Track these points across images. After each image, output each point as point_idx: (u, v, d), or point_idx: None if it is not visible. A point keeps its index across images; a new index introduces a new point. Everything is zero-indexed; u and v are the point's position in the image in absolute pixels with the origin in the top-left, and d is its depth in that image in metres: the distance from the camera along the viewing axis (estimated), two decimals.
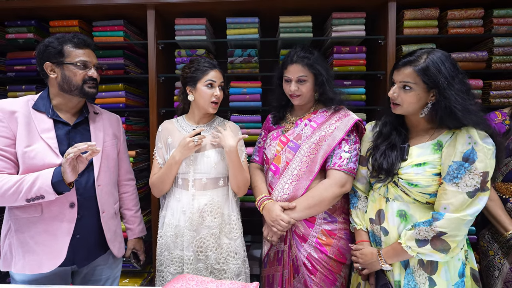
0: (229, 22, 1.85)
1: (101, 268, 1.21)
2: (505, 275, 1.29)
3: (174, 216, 1.25)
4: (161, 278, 1.28)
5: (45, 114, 1.09)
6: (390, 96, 1.03)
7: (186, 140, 1.17)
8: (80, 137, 1.13)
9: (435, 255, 0.94)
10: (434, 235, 0.91)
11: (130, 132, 1.99)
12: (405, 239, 0.97)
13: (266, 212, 1.24)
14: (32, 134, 1.05)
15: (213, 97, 1.23)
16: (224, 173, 1.27)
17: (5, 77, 1.96)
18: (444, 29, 1.80)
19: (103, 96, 1.92)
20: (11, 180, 0.97)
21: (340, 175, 1.18)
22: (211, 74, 1.23)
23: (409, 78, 0.97)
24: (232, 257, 1.25)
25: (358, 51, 1.85)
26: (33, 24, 1.88)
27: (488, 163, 0.90)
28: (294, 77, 1.23)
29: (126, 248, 1.35)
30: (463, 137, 0.92)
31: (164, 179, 1.23)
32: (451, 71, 0.93)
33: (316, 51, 1.28)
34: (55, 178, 0.96)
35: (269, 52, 2.11)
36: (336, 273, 1.22)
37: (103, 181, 1.16)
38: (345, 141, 1.21)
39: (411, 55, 0.99)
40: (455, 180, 0.91)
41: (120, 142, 1.31)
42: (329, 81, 1.23)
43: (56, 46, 1.07)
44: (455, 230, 0.90)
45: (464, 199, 0.90)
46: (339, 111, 1.26)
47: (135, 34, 2.03)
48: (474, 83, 1.81)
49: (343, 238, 1.23)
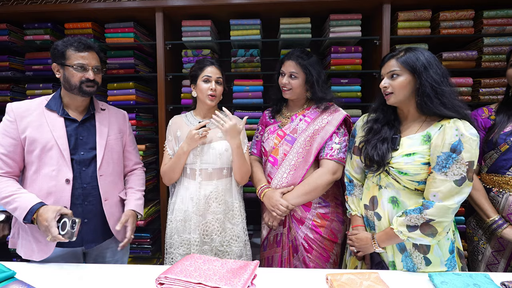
0: (233, 24, 1.95)
1: (109, 251, 1.32)
2: (487, 259, 1.39)
3: (183, 202, 1.37)
4: (170, 259, 1.40)
5: (56, 113, 1.18)
6: (382, 87, 1.13)
7: (192, 133, 1.28)
8: (86, 132, 1.23)
9: (424, 239, 1.03)
10: (424, 222, 1.01)
11: (140, 127, 2.12)
12: (397, 224, 1.06)
13: (266, 199, 1.36)
14: (44, 133, 1.14)
15: (209, 90, 1.34)
16: (228, 164, 1.38)
17: (24, 76, 2.09)
18: (437, 30, 1.89)
19: (115, 94, 2.05)
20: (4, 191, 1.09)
21: (332, 164, 1.32)
22: (207, 70, 1.34)
23: (394, 67, 1.09)
24: (235, 240, 1.37)
25: (354, 51, 1.96)
26: (49, 27, 2.01)
27: (473, 153, 0.98)
28: (287, 72, 1.36)
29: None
30: (451, 129, 1.00)
31: (174, 169, 1.36)
32: (429, 59, 1.04)
33: (314, 55, 1.40)
34: (25, 219, 1.07)
35: (270, 52, 2.21)
36: (329, 251, 1.37)
37: (105, 172, 1.24)
38: (335, 134, 1.34)
39: (394, 51, 1.13)
40: (443, 170, 0.99)
41: (126, 136, 1.38)
42: (319, 82, 1.36)
43: (60, 49, 1.15)
44: (442, 217, 1.00)
45: (452, 187, 0.98)
46: (330, 108, 1.39)
47: (144, 35, 2.14)
48: (464, 81, 1.90)
49: (335, 220, 1.38)
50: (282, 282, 0.99)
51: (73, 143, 1.18)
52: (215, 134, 1.37)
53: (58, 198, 1.15)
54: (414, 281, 1.00)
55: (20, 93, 2.16)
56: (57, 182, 1.14)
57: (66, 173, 1.15)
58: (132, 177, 1.42)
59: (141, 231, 2.10)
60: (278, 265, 1.41)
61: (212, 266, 1.02)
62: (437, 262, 1.07)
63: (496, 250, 1.36)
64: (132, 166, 1.43)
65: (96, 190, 1.22)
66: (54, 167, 1.15)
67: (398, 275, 1.04)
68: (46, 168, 1.15)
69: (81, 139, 1.21)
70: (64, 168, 1.16)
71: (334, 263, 1.39)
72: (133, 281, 1.00)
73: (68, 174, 1.16)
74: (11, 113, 1.14)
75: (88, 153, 1.21)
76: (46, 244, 1.15)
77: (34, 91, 2.08)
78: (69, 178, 1.15)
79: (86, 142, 1.22)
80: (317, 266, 1.34)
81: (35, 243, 1.15)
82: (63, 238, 1.02)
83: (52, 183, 1.14)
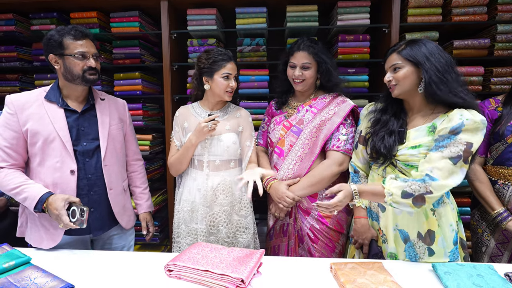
0: (238, 12, 1.93)
1: (115, 237, 1.36)
2: (491, 251, 1.40)
3: (190, 193, 1.39)
4: (178, 248, 1.44)
5: (56, 104, 1.17)
6: (386, 81, 1.12)
7: (201, 125, 1.28)
8: (87, 123, 1.22)
9: (408, 208, 1.00)
10: (422, 193, 0.97)
11: (147, 117, 2.13)
12: (391, 186, 1.00)
13: (273, 191, 1.37)
14: (45, 125, 1.14)
15: (229, 88, 1.33)
16: (235, 156, 1.39)
17: (32, 66, 2.11)
18: (448, 17, 1.84)
19: (122, 84, 2.06)
20: (12, 182, 1.11)
21: (338, 155, 1.32)
22: (228, 66, 1.31)
23: (396, 61, 1.08)
24: (242, 232, 1.39)
25: (362, 39, 1.91)
26: (55, 16, 2.01)
27: (474, 136, 0.95)
28: (299, 63, 1.33)
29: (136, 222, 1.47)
30: (455, 116, 0.98)
31: (181, 160, 1.37)
32: (431, 49, 1.02)
33: (320, 42, 1.38)
34: (36, 208, 1.10)
35: (276, 41, 2.18)
36: (335, 241, 1.38)
37: (110, 161, 1.25)
38: (342, 125, 1.34)
39: (395, 45, 1.12)
40: (440, 149, 0.98)
41: (126, 125, 1.38)
42: (333, 69, 1.34)
43: (57, 39, 1.12)
44: (438, 193, 0.97)
45: (447, 163, 0.96)
46: (337, 98, 1.38)
47: (150, 24, 2.13)
48: (475, 70, 1.86)
49: (341, 211, 1.37)
50: (287, 270, 1.01)
51: (75, 134, 1.19)
52: (223, 127, 1.37)
53: (64, 189, 1.17)
54: (417, 270, 1.02)
55: (29, 83, 2.19)
56: (62, 174, 1.16)
57: (70, 165, 1.17)
58: (135, 175, 1.45)
59: None
60: (284, 254, 1.43)
61: (219, 254, 1.05)
62: (440, 253, 1.08)
63: (500, 242, 1.37)
64: (132, 156, 1.44)
65: (101, 180, 1.24)
66: (58, 159, 1.16)
67: (401, 265, 1.06)
68: (50, 159, 1.16)
69: (82, 130, 1.21)
70: (68, 160, 1.17)
71: (340, 253, 1.40)
72: (142, 267, 1.03)
73: (72, 165, 1.17)
74: (11, 105, 1.14)
75: (91, 143, 1.22)
76: (54, 233, 1.18)
77: (42, 81, 2.11)
78: (73, 169, 1.17)
79: (88, 133, 1.22)
80: (322, 256, 1.36)
81: (44, 232, 1.18)
82: (74, 225, 1.06)
83: (57, 174, 1.16)
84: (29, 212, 1.22)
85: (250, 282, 0.93)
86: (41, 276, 0.93)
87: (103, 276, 0.98)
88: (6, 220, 1.44)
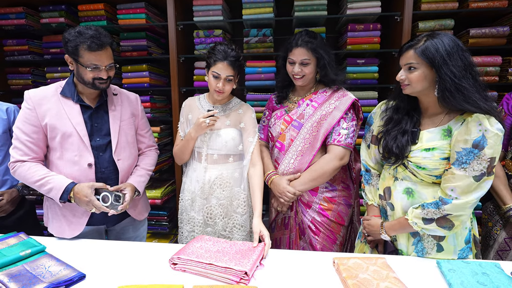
0: (245, 2, 1.89)
1: (128, 228, 1.42)
2: (499, 245, 1.38)
3: (191, 183, 1.42)
4: (180, 234, 1.49)
5: (71, 100, 1.20)
6: (398, 79, 1.08)
7: (200, 121, 1.28)
8: (100, 118, 1.25)
9: (439, 231, 1.02)
10: (440, 216, 0.99)
11: (155, 109, 2.16)
12: (412, 216, 1.05)
13: (274, 186, 1.38)
14: (63, 121, 1.18)
15: (216, 87, 1.29)
16: (234, 151, 1.39)
17: (43, 59, 2.15)
18: (465, 4, 1.75)
19: (129, 77, 2.08)
20: (36, 174, 1.15)
21: (339, 149, 1.31)
22: (217, 66, 1.26)
23: (412, 60, 1.02)
24: (238, 229, 1.40)
25: (373, 28, 1.85)
26: (63, 9, 2.02)
27: (496, 149, 0.94)
28: (298, 60, 1.31)
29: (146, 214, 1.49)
30: (474, 125, 0.94)
31: (183, 151, 1.40)
32: (450, 49, 0.96)
33: (319, 36, 1.34)
34: (62, 198, 1.14)
35: (284, 31, 2.13)
36: (336, 233, 1.40)
37: (122, 155, 1.28)
38: (343, 119, 1.32)
39: (413, 40, 1.05)
40: (463, 166, 0.95)
41: (138, 119, 1.39)
42: (330, 64, 1.32)
43: (73, 45, 1.12)
44: (460, 212, 0.98)
45: (470, 182, 0.95)
46: (338, 91, 1.35)
47: (156, 15, 2.12)
48: (492, 60, 1.78)
49: (342, 203, 1.40)
50: (290, 263, 1.03)
51: (90, 130, 1.23)
52: (223, 122, 1.37)
53: (82, 182, 1.21)
54: (421, 267, 1.01)
55: (40, 76, 2.23)
56: (80, 167, 1.20)
57: (87, 158, 1.21)
58: (142, 157, 1.44)
59: (159, 209, 2.21)
60: (286, 246, 1.45)
61: (221, 248, 1.07)
62: (450, 250, 1.06)
63: (510, 237, 1.34)
64: (145, 149, 1.45)
65: (114, 174, 1.28)
66: (76, 153, 1.20)
67: (405, 260, 1.05)
68: (69, 153, 1.20)
69: (96, 126, 1.24)
70: (85, 153, 1.21)
71: (341, 244, 1.42)
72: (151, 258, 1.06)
73: (89, 159, 1.21)
74: (29, 101, 1.18)
75: (103, 139, 1.26)
76: (77, 222, 1.24)
77: (53, 74, 2.15)
78: (91, 162, 1.21)
79: (101, 129, 1.26)
80: (324, 247, 1.38)
81: (66, 222, 1.24)
82: (108, 209, 1.14)
83: (76, 167, 1.20)
84: (50, 204, 1.27)
85: (253, 274, 0.95)
86: (55, 264, 0.98)
87: (113, 266, 1.02)
88: (22, 209, 1.51)
